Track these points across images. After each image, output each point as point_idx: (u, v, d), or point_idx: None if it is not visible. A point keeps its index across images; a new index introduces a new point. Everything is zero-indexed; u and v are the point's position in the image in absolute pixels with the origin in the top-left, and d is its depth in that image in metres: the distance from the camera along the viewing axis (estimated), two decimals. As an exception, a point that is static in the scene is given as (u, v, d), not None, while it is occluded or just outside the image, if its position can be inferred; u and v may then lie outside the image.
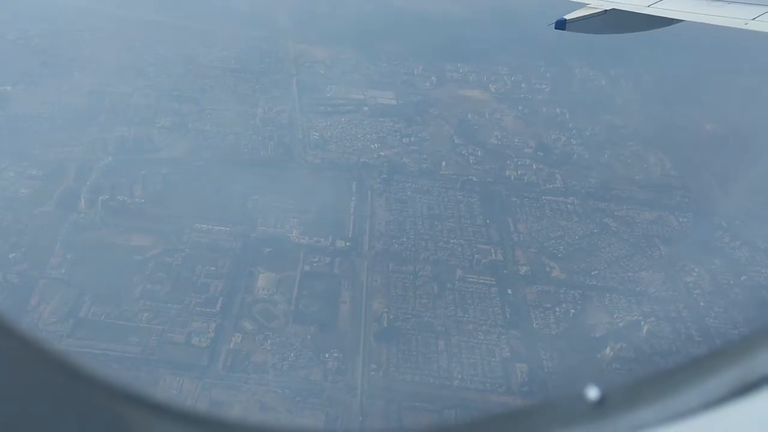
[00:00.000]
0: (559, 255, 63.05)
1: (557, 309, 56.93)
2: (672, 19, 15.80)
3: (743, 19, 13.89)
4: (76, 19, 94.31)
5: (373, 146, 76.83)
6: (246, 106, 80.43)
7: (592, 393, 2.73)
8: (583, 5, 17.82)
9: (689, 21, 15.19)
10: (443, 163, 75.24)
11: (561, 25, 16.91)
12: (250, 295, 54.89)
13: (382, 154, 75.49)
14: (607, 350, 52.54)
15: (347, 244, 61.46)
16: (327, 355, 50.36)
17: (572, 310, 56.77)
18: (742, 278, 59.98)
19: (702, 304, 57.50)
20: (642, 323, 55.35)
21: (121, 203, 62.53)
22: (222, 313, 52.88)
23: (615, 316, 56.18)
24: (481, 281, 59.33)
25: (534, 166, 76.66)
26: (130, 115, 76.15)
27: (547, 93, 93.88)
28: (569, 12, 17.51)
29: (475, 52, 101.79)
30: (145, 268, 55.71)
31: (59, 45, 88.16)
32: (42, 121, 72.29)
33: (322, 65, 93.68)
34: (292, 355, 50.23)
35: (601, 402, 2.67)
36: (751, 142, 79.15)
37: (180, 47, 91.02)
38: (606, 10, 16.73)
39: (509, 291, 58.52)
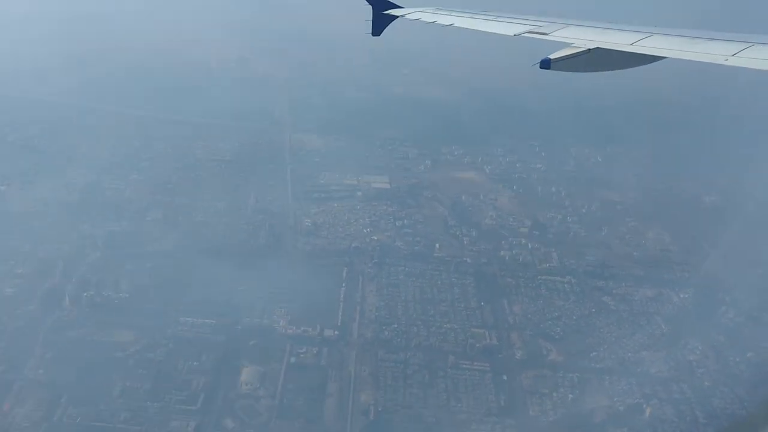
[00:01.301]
0: (556, 337, 60.83)
1: (554, 394, 54.32)
2: (655, 57, 16.23)
3: (724, 56, 14.29)
4: (76, 118, 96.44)
5: (365, 230, 76.16)
6: (238, 196, 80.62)
7: None
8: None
9: (671, 58, 15.65)
10: (437, 245, 74.17)
11: (546, 64, 16.54)
12: (233, 390, 52.92)
13: (375, 238, 74.69)
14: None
15: (336, 332, 59.75)
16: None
17: (570, 395, 54.13)
18: (748, 355, 57.22)
19: (707, 383, 54.70)
20: (644, 406, 52.55)
21: (106, 299, 61.60)
22: (203, 410, 50.85)
23: (615, 399, 53.45)
24: (475, 367, 57.04)
25: (529, 246, 75.34)
26: (121, 209, 76.41)
27: (543, 172, 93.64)
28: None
29: (469, 134, 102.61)
30: (125, 365, 54.19)
31: (57, 144, 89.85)
32: (34, 219, 72.52)
33: (317, 153, 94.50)
34: (273, 454, 47.91)
35: None
36: (750, 213, 77.70)
37: (176, 141, 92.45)
38: (590, 49, 16.96)
39: (504, 377, 56.11)
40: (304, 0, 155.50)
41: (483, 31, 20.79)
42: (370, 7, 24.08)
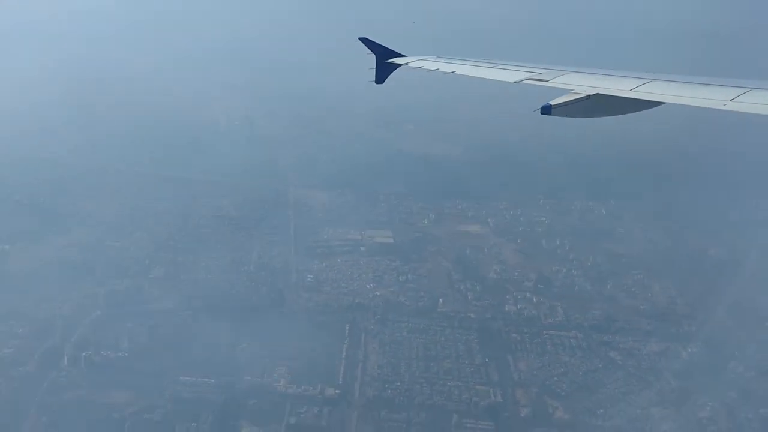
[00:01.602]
0: (562, 393, 59.50)
1: (561, 454, 52.90)
2: (654, 102, 16.39)
3: (722, 101, 14.54)
4: (82, 176, 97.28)
5: (368, 286, 75.58)
6: (241, 253, 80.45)
7: None
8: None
9: (670, 103, 15.89)
10: (440, 300, 73.41)
11: (547, 110, 16.74)
12: (231, 452, 51.79)
13: (378, 293, 74.03)
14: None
15: (337, 391, 58.66)
16: None
17: (578, 455, 52.67)
18: (761, 411, 55.70)
19: (719, 442, 53.14)
20: (655, 467, 51.02)
21: (104, 358, 60.89)
22: (199, 474, 49.63)
23: (624, 459, 51.95)
24: (480, 426, 55.73)
25: (534, 300, 74.42)
26: (124, 268, 76.21)
27: (547, 225, 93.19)
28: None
29: (472, 188, 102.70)
30: (122, 427, 53.19)
31: (63, 202, 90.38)
32: (36, 278, 72.38)
33: (320, 208, 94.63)
34: None
35: None
36: (755, 265, 76.85)
37: (181, 199, 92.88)
38: (590, 95, 17.21)
39: (509, 436, 54.81)
40: (310, 58, 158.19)
41: (485, 79, 21.00)
42: (374, 56, 24.61)
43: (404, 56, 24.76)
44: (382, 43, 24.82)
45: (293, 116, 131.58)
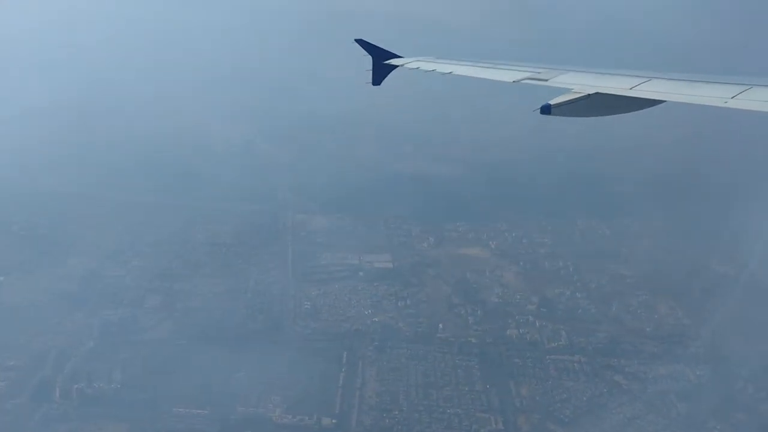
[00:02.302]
0: (566, 420, 57.94)
1: (565, 484, 51.18)
2: (654, 101, 16.34)
3: (722, 98, 14.38)
4: (81, 207, 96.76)
5: (366, 312, 74.28)
6: (238, 280, 79.45)
7: None
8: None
9: (671, 101, 15.84)
10: (440, 325, 71.99)
11: (546, 110, 16.73)
12: (224, 486, 50.32)
13: (376, 319, 72.72)
14: None
15: (333, 421, 57.33)
16: None
17: (582, 485, 50.91)
18: (771, 435, 53.91)
19: (728, 468, 51.30)
20: (662, 496, 49.19)
21: (97, 390, 59.80)
22: None
23: (630, 488, 50.15)
24: (481, 455, 54.19)
25: (537, 324, 72.91)
26: (119, 297, 75.35)
27: (549, 246, 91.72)
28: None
29: (473, 210, 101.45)
30: (113, 461, 51.97)
31: (61, 233, 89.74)
32: (31, 310, 71.62)
33: (319, 233, 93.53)
34: None
35: None
36: (763, 282, 75.15)
37: (179, 226, 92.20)
38: (589, 95, 17.16)
39: (511, 465, 53.18)
40: (309, 82, 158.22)
41: (483, 79, 20.75)
42: (370, 58, 24.60)
43: (401, 57, 24.72)
44: (378, 46, 24.75)
45: (294, 139, 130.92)
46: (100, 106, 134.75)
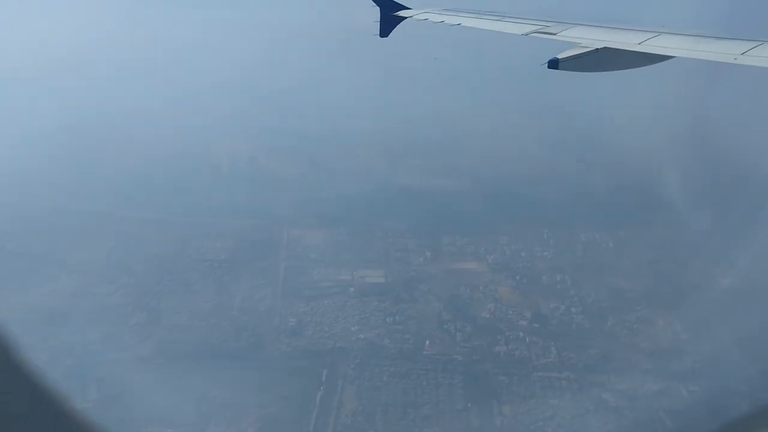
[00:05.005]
0: (547, 440, 55.65)
1: None
2: (663, 56, 16.18)
3: (733, 54, 14.18)
4: (78, 223, 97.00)
5: (353, 329, 72.81)
6: (226, 297, 78.61)
7: None
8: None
9: (680, 57, 15.65)
10: (427, 342, 70.25)
11: (554, 64, 16.59)
12: None
13: (362, 336, 71.21)
14: None
15: (305, 442, 55.82)
16: None
17: None
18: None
19: (713, 494, 48.42)
20: None
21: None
22: None
23: None
24: (454, 478, 52.24)
25: (527, 340, 70.75)
26: (105, 314, 74.79)
27: (549, 260, 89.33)
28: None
29: (475, 223, 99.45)
30: (75, 483, 50.93)
31: (54, 250, 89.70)
32: (12, 328, 70.52)
33: (314, 248, 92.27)
34: None
35: None
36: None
37: (173, 242, 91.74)
38: (597, 49, 16.99)
39: (486, 489, 51.12)
40: (318, 98, 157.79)
41: (492, 31, 20.85)
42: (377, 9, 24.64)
43: (409, 9, 24.63)
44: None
45: (299, 154, 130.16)
46: (101, 122, 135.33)
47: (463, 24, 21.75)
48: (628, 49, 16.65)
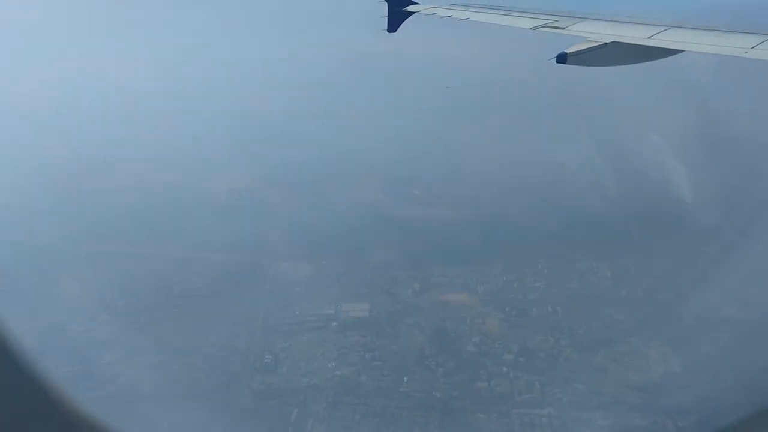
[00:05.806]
0: (520, 483, 52.49)
1: None
2: (672, 50, 16.07)
3: (743, 48, 14.03)
4: (64, 258, 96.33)
5: (329, 365, 70.43)
6: (203, 334, 76.68)
7: None
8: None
9: (689, 51, 15.55)
10: (405, 378, 67.59)
11: (562, 58, 16.69)
12: None
13: (338, 373, 68.77)
14: None
15: (266, 486, 53.25)
16: None
17: None
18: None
19: None
20: None
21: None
22: None
23: None
24: None
25: (511, 375, 67.83)
26: (80, 352, 73.31)
27: (542, 291, 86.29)
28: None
29: (469, 254, 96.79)
30: None
31: (42, 286, 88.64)
32: (-16, 367, 69.96)
33: (300, 282, 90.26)
34: None
35: None
36: None
37: (156, 277, 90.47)
38: (606, 43, 16.91)
39: None
40: (316, 128, 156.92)
41: (499, 26, 20.93)
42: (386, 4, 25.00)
43: (417, 3, 25.03)
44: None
45: (296, 185, 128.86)
46: (82, 156, 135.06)
47: (470, 18, 21.87)
48: (637, 43, 16.58)
